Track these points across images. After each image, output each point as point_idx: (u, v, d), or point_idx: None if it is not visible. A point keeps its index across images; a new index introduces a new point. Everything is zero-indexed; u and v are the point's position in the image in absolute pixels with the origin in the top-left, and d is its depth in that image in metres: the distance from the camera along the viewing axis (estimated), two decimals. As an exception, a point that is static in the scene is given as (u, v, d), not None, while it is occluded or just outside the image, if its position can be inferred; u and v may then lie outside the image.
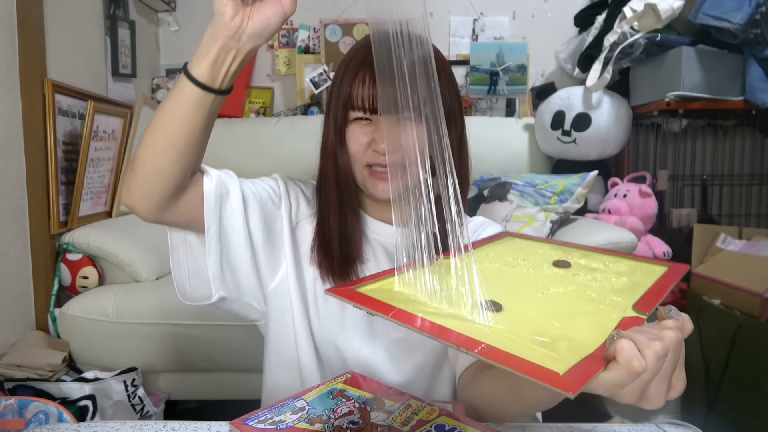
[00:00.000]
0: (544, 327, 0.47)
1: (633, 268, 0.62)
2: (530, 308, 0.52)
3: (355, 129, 0.79)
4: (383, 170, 0.78)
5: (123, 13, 2.20)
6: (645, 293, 0.54)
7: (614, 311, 0.50)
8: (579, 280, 0.58)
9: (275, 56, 2.60)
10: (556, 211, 1.88)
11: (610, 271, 0.61)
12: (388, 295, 0.54)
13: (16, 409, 1.30)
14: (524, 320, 0.49)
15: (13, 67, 1.57)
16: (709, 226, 1.96)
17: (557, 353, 0.42)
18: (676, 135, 2.35)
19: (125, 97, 2.21)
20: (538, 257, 0.66)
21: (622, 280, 0.58)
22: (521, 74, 2.43)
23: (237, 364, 1.65)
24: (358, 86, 0.77)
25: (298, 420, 0.58)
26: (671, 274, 0.60)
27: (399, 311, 0.49)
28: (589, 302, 0.53)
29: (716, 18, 1.76)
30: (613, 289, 0.56)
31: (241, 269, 0.81)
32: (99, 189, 1.94)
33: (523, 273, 0.61)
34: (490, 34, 2.58)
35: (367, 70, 0.77)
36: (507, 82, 2.44)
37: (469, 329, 0.46)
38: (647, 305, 0.51)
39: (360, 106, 0.77)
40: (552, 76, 2.59)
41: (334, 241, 0.82)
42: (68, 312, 1.63)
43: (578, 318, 0.49)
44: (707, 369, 1.70)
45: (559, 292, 0.55)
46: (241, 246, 0.79)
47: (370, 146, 0.78)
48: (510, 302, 0.52)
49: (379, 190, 0.79)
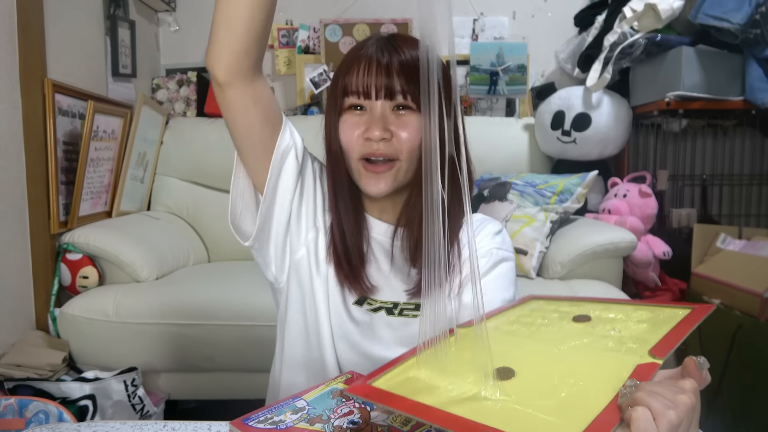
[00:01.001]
0: (556, 385, 0.47)
1: (655, 314, 0.62)
2: (544, 367, 0.52)
3: (348, 119, 0.80)
4: (377, 161, 0.78)
5: (123, 13, 2.20)
6: (663, 337, 0.53)
7: (630, 358, 0.50)
8: (597, 331, 0.59)
9: (275, 56, 2.60)
10: (556, 211, 1.88)
11: (631, 320, 0.61)
12: (403, 385, 0.55)
13: (16, 409, 1.30)
14: (536, 383, 0.49)
15: (13, 67, 1.57)
16: (709, 226, 1.96)
17: (567, 419, 0.42)
18: (676, 135, 2.35)
19: (125, 97, 2.21)
20: (558, 315, 0.66)
21: (642, 327, 0.58)
22: (521, 74, 2.43)
23: (237, 364, 1.65)
24: (352, 75, 0.79)
25: (298, 420, 0.58)
26: (694, 316, 0.59)
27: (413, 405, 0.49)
28: (605, 352, 0.53)
29: (716, 18, 1.76)
30: (631, 337, 0.56)
31: (274, 229, 0.83)
32: (99, 189, 1.94)
33: (541, 332, 0.62)
34: (490, 34, 2.58)
35: (362, 61, 0.78)
36: (507, 82, 2.44)
37: (479, 409, 0.46)
38: (664, 350, 0.50)
39: (354, 90, 0.78)
40: (552, 76, 2.58)
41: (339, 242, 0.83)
42: (68, 312, 1.63)
43: (592, 370, 0.49)
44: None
45: (576, 345, 0.56)
46: (285, 208, 0.82)
47: (363, 135, 0.78)
48: (523, 364, 0.52)
49: (371, 186, 0.79)
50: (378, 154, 0.78)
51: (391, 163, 0.79)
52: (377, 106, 0.78)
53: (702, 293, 1.76)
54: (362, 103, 0.79)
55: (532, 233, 1.83)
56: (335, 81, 0.82)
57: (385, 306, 0.84)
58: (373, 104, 0.78)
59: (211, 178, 2.30)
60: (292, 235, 0.85)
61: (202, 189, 2.31)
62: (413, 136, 0.78)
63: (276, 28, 2.55)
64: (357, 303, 0.85)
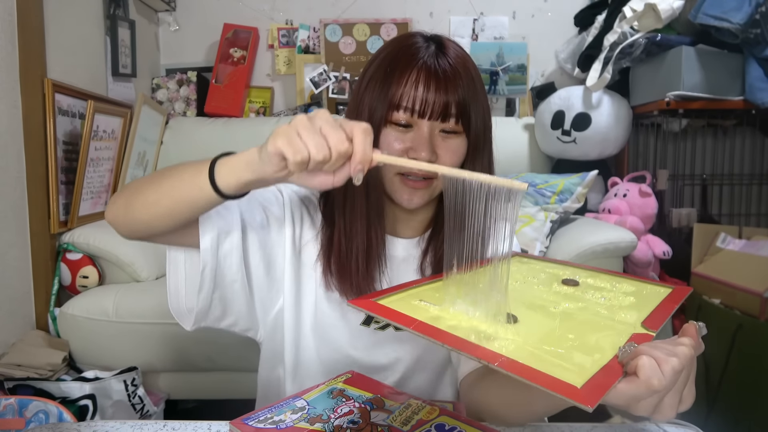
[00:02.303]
0: (558, 339, 0.48)
1: (639, 288, 0.64)
2: (544, 322, 0.53)
3: (390, 133, 0.74)
4: (417, 180, 0.75)
5: (123, 12, 2.20)
6: (652, 312, 0.55)
7: (624, 327, 0.51)
8: (588, 297, 0.60)
9: (275, 56, 2.60)
10: (556, 211, 1.88)
11: (617, 291, 0.62)
12: (409, 306, 0.55)
13: (16, 409, 1.30)
14: (539, 333, 0.50)
15: (13, 67, 1.57)
16: (709, 226, 1.96)
17: (573, 365, 0.43)
18: (676, 135, 2.35)
19: (125, 97, 2.21)
20: (546, 276, 0.67)
21: (629, 299, 0.59)
22: (521, 74, 2.43)
23: (237, 364, 1.65)
24: (410, 87, 0.72)
25: (298, 420, 0.58)
26: (675, 295, 0.61)
27: (420, 323, 0.50)
28: (599, 317, 0.54)
29: (716, 18, 1.76)
30: (621, 307, 0.57)
31: (235, 304, 0.78)
32: (99, 189, 1.94)
33: (534, 290, 0.62)
34: (490, 33, 2.58)
35: (421, 71, 0.72)
36: (507, 81, 2.44)
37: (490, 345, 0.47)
38: (656, 323, 0.52)
39: (408, 107, 0.73)
40: (552, 75, 2.58)
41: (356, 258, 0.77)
42: (68, 311, 1.63)
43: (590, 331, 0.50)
44: (707, 368, 1.70)
45: (570, 307, 0.57)
46: (237, 283, 0.76)
47: (407, 154, 0.74)
48: (524, 316, 0.53)
49: (405, 199, 0.76)
50: (419, 175, 0.75)
51: (429, 181, 0.76)
52: (426, 125, 0.73)
53: (702, 293, 1.76)
54: (411, 121, 0.74)
55: (532, 233, 1.83)
56: (383, 84, 0.74)
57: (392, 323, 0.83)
58: (422, 123, 0.73)
59: (211, 177, 2.29)
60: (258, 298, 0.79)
61: (202, 189, 2.31)
62: (456, 161, 0.75)
63: (276, 28, 2.55)
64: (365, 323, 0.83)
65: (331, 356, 0.82)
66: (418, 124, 0.74)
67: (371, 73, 0.77)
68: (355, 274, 0.77)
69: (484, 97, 0.78)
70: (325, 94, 2.53)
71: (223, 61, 2.50)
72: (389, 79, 0.74)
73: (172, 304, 0.79)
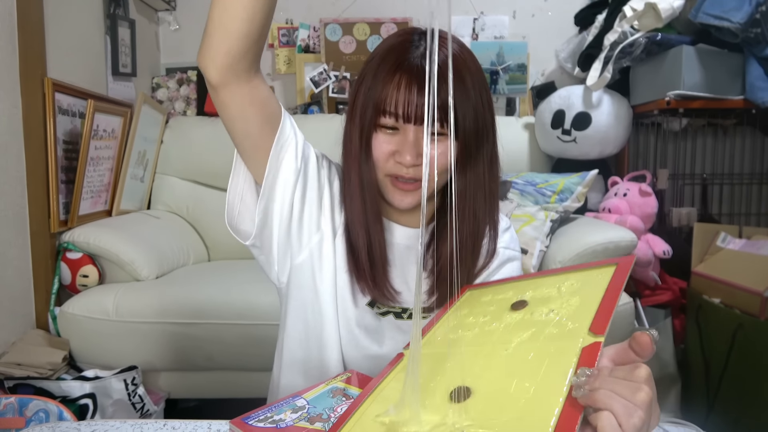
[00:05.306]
0: (513, 394, 0.47)
1: (583, 281, 0.61)
2: (498, 376, 0.51)
3: (380, 137, 0.76)
4: (406, 182, 0.76)
5: (123, 12, 2.20)
6: (598, 310, 0.53)
7: (573, 343, 0.50)
8: (537, 318, 0.58)
9: (275, 55, 2.60)
10: (556, 210, 1.88)
11: (564, 295, 0.60)
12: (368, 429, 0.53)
13: (16, 408, 1.30)
14: (494, 398, 0.49)
15: (13, 66, 1.57)
16: (709, 225, 1.96)
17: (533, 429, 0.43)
18: (676, 134, 2.35)
19: (125, 96, 2.21)
20: (496, 307, 0.65)
21: (575, 301, 0.57)
22: (521, 73, 2.43)
23: (237, 363, 1.65)
24: (393, 90, 0.72)
25: (298, 419, 0.58)
26: (619, 274, 0.59)
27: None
28: (549, 342, 0.52)
29: (716, 17, 1.76)
30: (569, 315, 0.55)
31: (276, 228, 0.79)
32: (99, 188, 1.94)
33: (485, 332, 0.60)
34: (491, 33, 2.58)
35: (404, 74, 0.72)
36: (507, 81, 2.44)
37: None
38: (602, 325, 0.50)
39: (392, 111, 0.73)
40: (552, 75, 2.58)
41: (362, 251, 0.80)
42: (68, 311, 1.63)
43: (542, 367, 0.49)
44: (707, 368, 1.70)
45: (522, 340, 0.55)
46: (286, 206, 0.78)
47: (393, 157, 0.75)
48: (479, 379, 0.51)
49: (397, 200, 0.77)
50: (407, 178, 0.75)
51: (418, 183, 0.76)
52: (411, 129, 0.74)
53: (702, 292, 1.76)
54: (398, 125, 0.74)
55: (533, 232, 1.83)
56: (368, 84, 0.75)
57: (393, 310, 0.84)
58: (408, 127, 0.74)
59: (211, 177, 2.30)
60: (293, 236, 0.80)
61: (202, 188, 2.31)
62: (443, 161, 0.74)
63: (276, 27, 2.55)
64: (369, 305, 0.83)
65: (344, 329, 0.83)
66: (404, 129, 0.74)
67: (364, 74, 0.77)
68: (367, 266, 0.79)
69: (478, 96, 0.75)
70: (325, 94, 2.53)
71: (223, 61, 2.50)
72: (376, 82, 0.74)
73: (229, 220, 0.80)
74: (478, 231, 0.80)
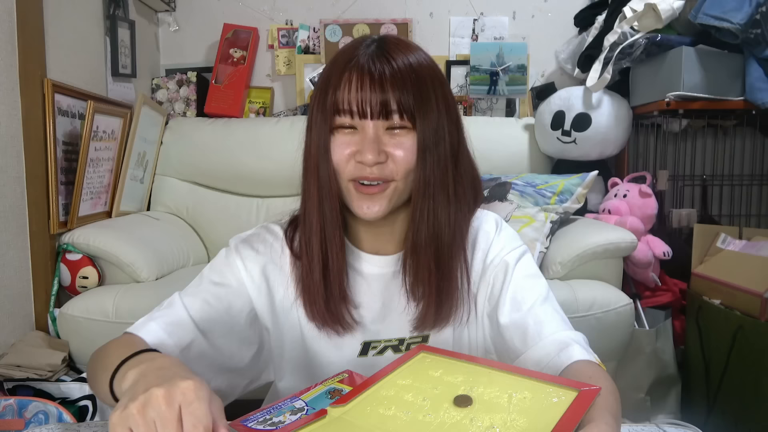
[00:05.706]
0: None
1: (536, 399, 0.55)
2: None
3: (338, 138, 0.73)
4: (370, 185, 0.72)
5: (123, 13, 2.20)
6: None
7: None
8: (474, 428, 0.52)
9: (275, 56, 2.59)
10: (556, 211, 1.88)
11: (512, 409, 0.54)
12: None
13: (15, 409, 1.30)
14: None
15: (13, 67, 1.57)
16: (709, 226, 1.96)
17: None
18: (676, 135, 2.34)
19: (125, 97, 2.21)
20: (440, 391, 0.58)
21: (521, 423, 0.51)
22: (521, 74, 2.43)
23: (237, 365, 1.65)
24: (343, 89, 0.71)
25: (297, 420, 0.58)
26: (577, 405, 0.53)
27: None
28: None
29: (716, 18, 1.76)
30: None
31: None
32: (99, 189, 1.94)
33: (419, 422, 0.53)
34: (490, 34, 2.58)
35: (354, 72, 0.71)
36: (507, 82, 2.44)
37: None
38: None
39: (347, 109, 0.71)
40: (552, 76, 2.58)
41: (316, 276, 0.76)
42: (68, 312, 1.63)
43: None
44: (707, 369, 1.70)
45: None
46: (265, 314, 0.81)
47: (354, 157, 0.72)
48: None
49: (364, 208, 0.73)
50: (371, 178, 0.71)
51: (385, 185, 0.72)
52: (370, 126, 0.71)
53: (702, 293, 1.76)
54: (354, 123, 0.72)
55: (532, 233, 1.83)
56: (323, 92, 0.73)
57: (390, 344, 0.81)
58: (365, 124, 0.71)
59: (211, 178, 2.29)
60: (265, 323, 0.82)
61: (202, 189, 2.31)
62: (409, 157, 0.72)
63: (276, 28, 2.55)
64: (362, 354, 0.81)
65: None
66: (362, 126, 0.72)
67: (317, 84, 0.76)
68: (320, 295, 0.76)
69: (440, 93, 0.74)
70: (325, 95, 2.53)
71: (223, 62, 2.50)
72: (327, 85, 0.73)
73: None
74: (440, 235, 0.76)
